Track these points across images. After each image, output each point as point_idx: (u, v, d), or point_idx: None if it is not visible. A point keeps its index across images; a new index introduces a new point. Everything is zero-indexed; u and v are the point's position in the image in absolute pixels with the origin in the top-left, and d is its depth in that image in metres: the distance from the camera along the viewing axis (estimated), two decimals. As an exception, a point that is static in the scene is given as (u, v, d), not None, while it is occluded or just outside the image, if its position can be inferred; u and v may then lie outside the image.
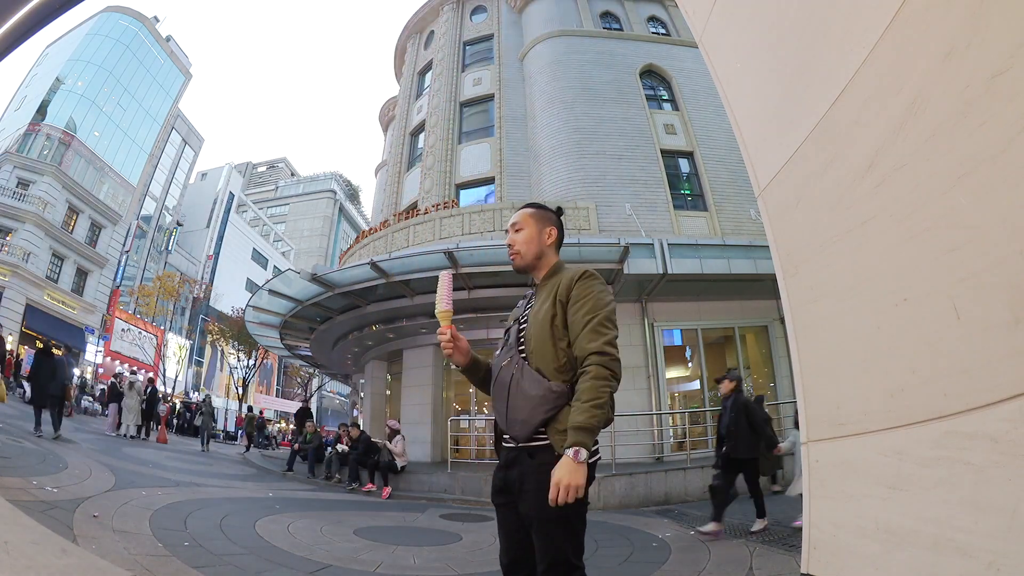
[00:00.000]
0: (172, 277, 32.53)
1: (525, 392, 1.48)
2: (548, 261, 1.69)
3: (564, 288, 1.54)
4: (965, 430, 1.07)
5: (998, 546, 0.99)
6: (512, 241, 1.71)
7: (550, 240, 1.70)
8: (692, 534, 5.01)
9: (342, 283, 11.29)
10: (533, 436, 1.46)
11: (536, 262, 1.69)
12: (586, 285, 1.53)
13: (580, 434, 1.34)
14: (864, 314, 1.39)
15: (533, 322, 1.57)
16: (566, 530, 1.43)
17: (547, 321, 1.52)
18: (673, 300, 11.09)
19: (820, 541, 1.58)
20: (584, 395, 1.38)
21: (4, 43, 3.78)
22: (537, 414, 1.45)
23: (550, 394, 1.44)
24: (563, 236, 1.75)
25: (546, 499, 1.35)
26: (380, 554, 4.11)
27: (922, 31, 1.15)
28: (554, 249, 1.71)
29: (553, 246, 1.70)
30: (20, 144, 25.62)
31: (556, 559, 1.42)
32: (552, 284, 1.60)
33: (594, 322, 1.45)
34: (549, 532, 1.42)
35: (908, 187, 1.21)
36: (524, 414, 1.47)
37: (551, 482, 1.34)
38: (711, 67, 2.21)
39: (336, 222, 59.48)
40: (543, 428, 1.45)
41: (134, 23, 32.84)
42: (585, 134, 13.62)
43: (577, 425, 1.35)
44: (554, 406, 1.44)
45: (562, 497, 1.31)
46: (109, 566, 2.79)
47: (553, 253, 1.71)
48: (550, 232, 1.70)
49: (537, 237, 1.69)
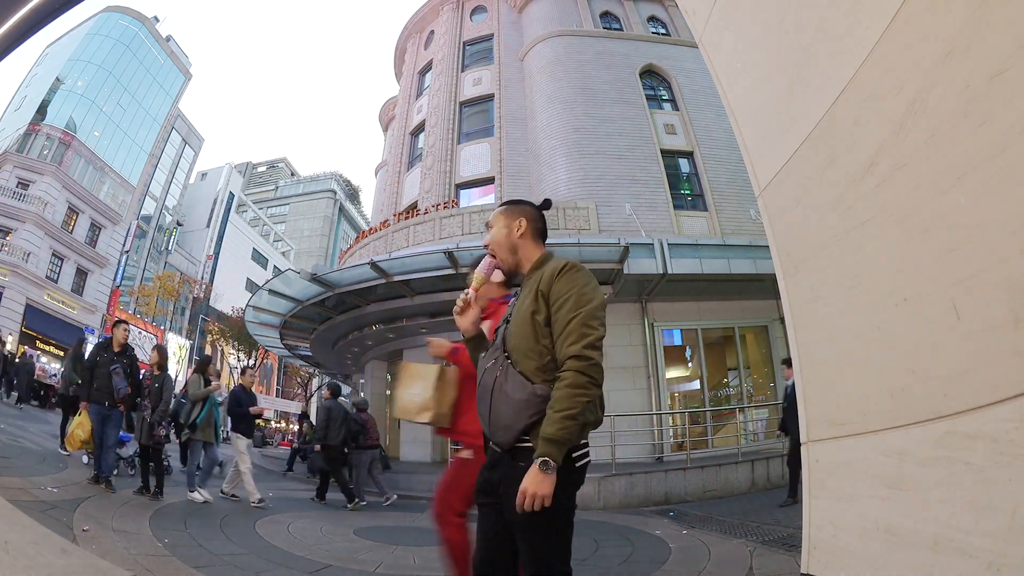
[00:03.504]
0: (172, 277, 32.53)
1: (509, 396, 1.41)
2: (528, 254, 1.61)
3: (546, 281, 1.46)
4: (965, 430, 1.07)
5: (998, 546, 0.99)
6: (487, 242, 1.65)
7: (520, 232, 1.60)
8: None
9: (342, 283, 11.29)
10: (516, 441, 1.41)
11: (514, 258, 1.61)
12: (569, 279, 1.44)
13: (548, 446, 1.30)
14: (864, 314, 1.39)
15: (515, 320, 1.50)
16: (551, 535, 1.39)
17: (527, 317, 1.45)
18: (673, 300, 11.09)
19: (820, 541, 1.58)
20: (556, 404, 1.33)
21: (4, 43, 3.78)
22: (520, 420, 1.39)
23: (534, 399, 1.38)
24: (541, 227, 1.65)
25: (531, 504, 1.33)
26: (380, 554, 4.11)
27: (922, 31, 1.15)
28: (531, 240, 1.61)
29: (528, 237, 1.61)
30: (20, 144, 25.63)
31: (542, 566, 1.38)
32: (535, 277, 1.52)
33: (576, 321, 1.38)
34: (534, 538, 1.39)
35: (908, 187, 1.21)
36: (508, 420, 1.41)
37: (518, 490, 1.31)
38: (711, 67, 2.21)
39: (336, 222, 59.48)
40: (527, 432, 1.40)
41: (134, 23, 32.84)
42: (585, 134, 13.61)
43: (546, 436, 1.30)
44: (538, 411, 1.37)
45: (527, 505, 1.29)
46: (109, 566, 2.79)
47: (531, 245, 1.61)
48: (520, 223, 1.61)
49: (507, 232, 1.61)
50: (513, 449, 1.41)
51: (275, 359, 35.28)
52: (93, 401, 5.04)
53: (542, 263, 1.57)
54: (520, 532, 1.40)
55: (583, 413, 1.34)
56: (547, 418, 1.33)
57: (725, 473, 7.62)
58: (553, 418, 1.32)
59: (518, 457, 1.40)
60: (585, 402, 1.34)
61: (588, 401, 1.35)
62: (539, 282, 1.48)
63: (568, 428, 1.31)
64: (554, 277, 1.45)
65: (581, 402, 1.33)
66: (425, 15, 20.24)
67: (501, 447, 1.44)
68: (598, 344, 1.38)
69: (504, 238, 1.61)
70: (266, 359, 32.71)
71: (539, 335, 1.43)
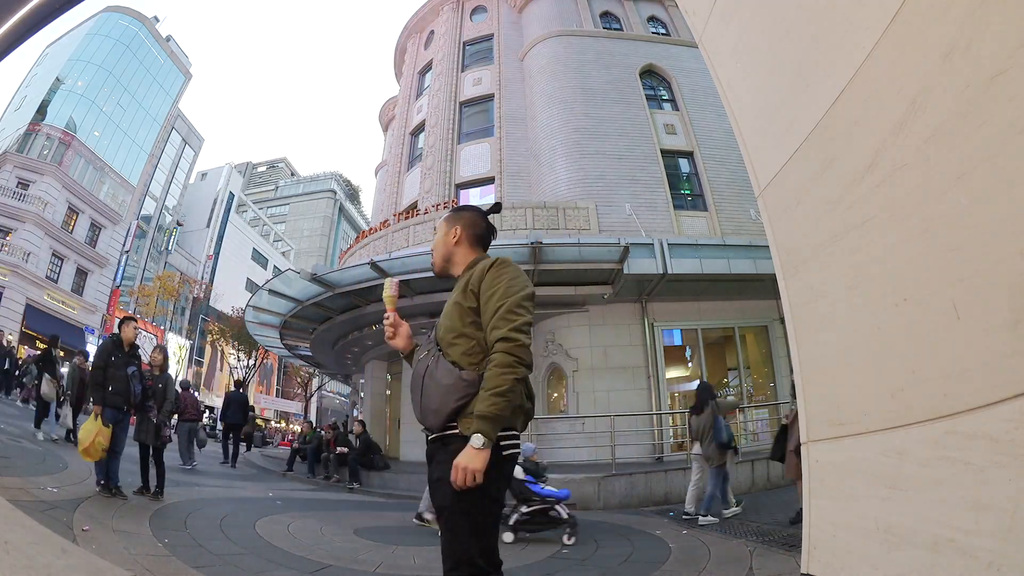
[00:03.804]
0: (172, 277, 32.53)
1: (438, 381, 1.46)
2: (461, 259, 1.67)
3: (476, 277, 1.53)
4: (965, 430, 1.07)
5: (998, 546, 0.99)
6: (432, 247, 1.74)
7: (455, 239, 1.67)
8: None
9: (342, 283, 11.29)
10: (446, 426, 1.45)
11: (445, 264, 1.69)
12: (497, 273, 1.51)
13: (480, 422, 1.35)
14: (864, 314, 1.39)
15: (444, 313, 1.58)
16: (470, 524, 1.39)
17: (454, 309, 1.53)
18: (673, 300, 11.09)
19: (820, 541, 1.58)
20: (488, 383, 1.38)
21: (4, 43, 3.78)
22: (448, 403, 1.43)
23: (460, 383, 1.43)
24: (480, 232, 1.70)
25: (449, 488, 1.36)
26: (380, 554, 4.11)
27: (922, 31, 1.15)
28: (466, 246, 1.68)
29: (463, 245, 1.68)
30: (20, 144, 25.63)
31: (461, 557, 1.37)
32: (466, 276, 1.59)
33: (503, 308, 1.44)
34: (453, 526, 1.40)
35: (908, 187, 1.21)
36: (436, 403, 1.45)
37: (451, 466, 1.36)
38: (711, 67, 2.21)
39: (336, 222, 59.48)
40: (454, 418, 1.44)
41: (134, 23, 32.83)
42: (585, 134, 13.61)
43: (479, 414, 1.36)
44: (464, 395, 1.42)
45: (460, 479, 1.33)
46: (109, 566, 2.79)
47: (465, 250, 1.68)
48: (455, 232, 1.68)
49: (443, 239, 1.69)
50: (443, 436, 1.46)
51: (275, 359, 35.29)
52: (110, 405, 4.70)
53: (474, 264, 1.63)
54: (441, 518, 1.44)
55: (512, 391, 1.39)
56: (479, 397, 1.39)
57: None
58: (483, 396, 1.38)
59: (447, 442, 1.45)
60: (513, 380, 1.39)
61: (516, 379, 1.39)
62: (469, 279, 1.56)
63: (498, 404, 1.36)
64: (484, 272, 1.53)
65: (509, 380, 1.38)
66: (425, 15, 20.23)
67: (431, 431, 1.49)
68: (525, 328, 1.44)
69: (440, 243, 1.70)
70: (266, 359, 32.70)
71: (464, 321, 1.50)
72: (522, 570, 3.86)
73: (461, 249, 1.67)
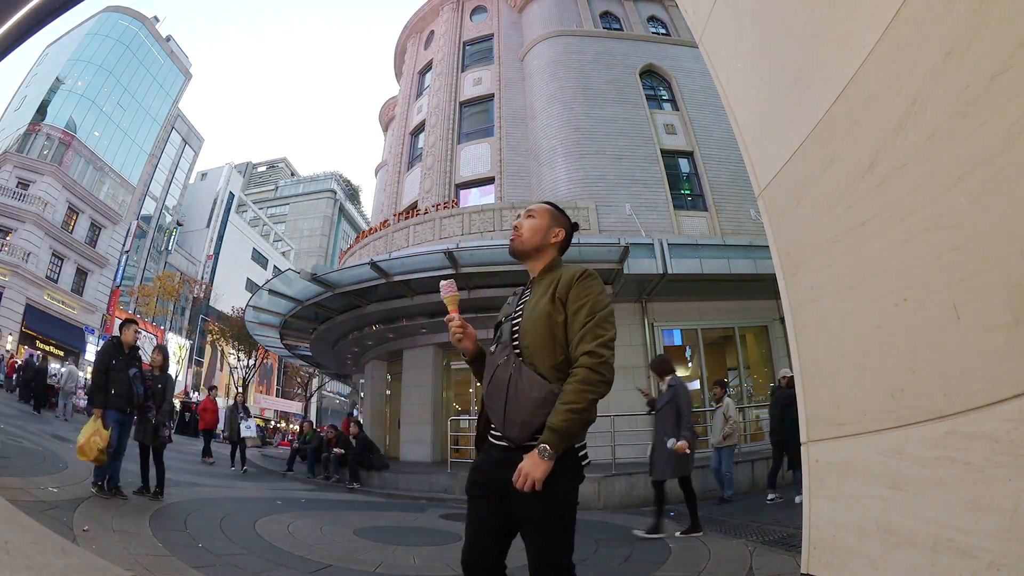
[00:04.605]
0: (172, 277, 32.53)
1: (526, 393, 1.46)
2: (547, 257, 1.69)
3: (564, 286, 1.54)
4: (965, 430, 1.07)
5: (998, 546, 0.99)
6: (519, 224, 1.71)
7: (555, 239, 1.69)
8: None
9: (342, 283, 11.29)
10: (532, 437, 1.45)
11: (534, 252, 1.69)
12: (586, 286, 1.52)
13: (551, 434, 1.38)
14: (864, 314, 1.39)
15: (529, 318, 1.55)
16: (560, 530, 1.45)
17: (544, 317, 1.51)
18: (673, 300, 11.09)
19: (820, 541, 1.58)
20: (565, 396, 1.40)
21: (4, 43, 3.78)
22: (537, 417, 1.44)
23: (552, 397, 1.44)
24: (568, 245, 1.74)
25: (543, 499, 1.38)
26: (380, 554, 4.11)
27: (922, 31, 1.15)
28: (557, 249, 1.70)
29: (556, 246, 1.70)
30: (20, 144, 25.63)
31: (549, 559, 1.43)
32: (550, 280, 1.59)
33: (591, 323, 1.45)
34: (545, 532, 1.44)
35: (908, 187, 1.21)
36: (524, 416, 1.46)
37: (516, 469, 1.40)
38: (711, 67, 2.21)
39: (336, 222, 59.49)
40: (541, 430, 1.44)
41: (134, 23, 32.83)
42: (585, 134, 13.61)
43: (552, 426, 1.38)
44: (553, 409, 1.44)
45: (520, 483, 1.37)
46: (109, 566, 2.79)
47: (555, 252, 1.70)
48: (557, 232, 1.70)
49: (545, 230, 1.69)
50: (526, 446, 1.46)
51: (275, 359, 35.29)
52: (112, 408, 4.73)
53: (555, 267, 1.66)
54: (530, 525, 1.46)
55: (588, 409, 1.41)
56: (555, 409, 1.41)
57: (725, 473, 7.60)
58: (559, 409, 1.39)
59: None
60: (592, 399, 1.41)
61: (595, 399, 1.41)
62: (555, 286, 1.56)
63: (571, 421, 1.38)
64: (572, 282, 1.54)
65: (588, 398, 1.40)
66: (425, 15, 20.24)
67: (513, 442, 1.49)
68: (610, 344, 1.46)
69: (539, 232, 1.69)
70: (266, 359, 32.70)
71: (555, 335, 1.50)
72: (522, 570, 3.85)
73: (552, 250, 1.70)
